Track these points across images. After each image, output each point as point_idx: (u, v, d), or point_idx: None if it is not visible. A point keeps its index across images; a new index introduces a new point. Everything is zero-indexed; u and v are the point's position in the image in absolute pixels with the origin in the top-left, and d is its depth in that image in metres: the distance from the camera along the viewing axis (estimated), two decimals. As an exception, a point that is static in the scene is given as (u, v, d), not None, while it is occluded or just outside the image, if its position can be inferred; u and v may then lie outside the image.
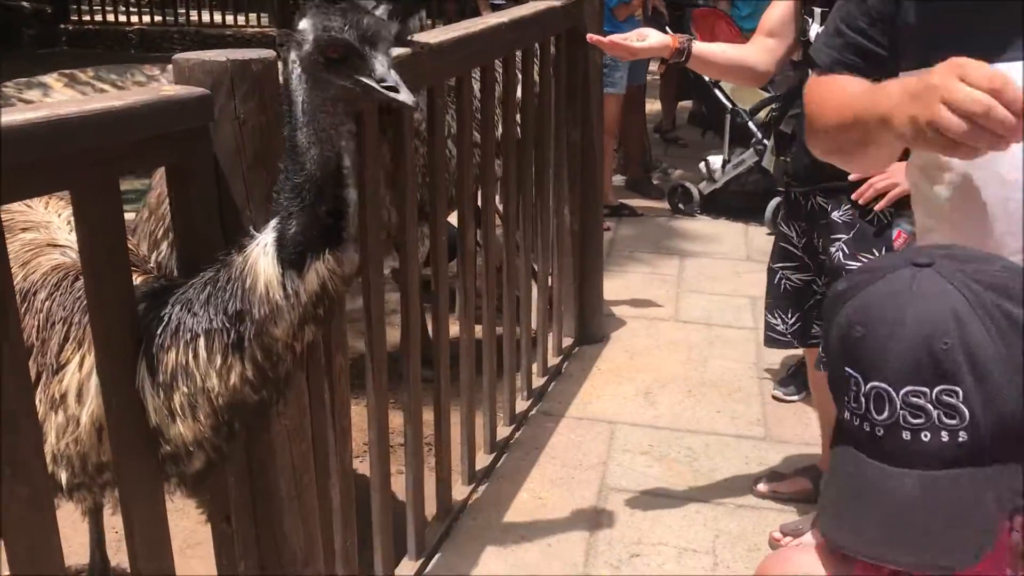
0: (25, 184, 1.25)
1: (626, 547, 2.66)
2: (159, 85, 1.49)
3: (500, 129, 2.94)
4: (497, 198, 3.16)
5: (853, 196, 2.36)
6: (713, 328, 4.15)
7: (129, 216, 2.28)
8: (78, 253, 1.41)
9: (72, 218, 1.51)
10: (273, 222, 1.38)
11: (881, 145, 1.20)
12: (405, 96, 1.30)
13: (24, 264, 1.62)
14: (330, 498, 2.02)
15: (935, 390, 0.85)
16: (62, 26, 12.88)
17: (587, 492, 2.92)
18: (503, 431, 3.19)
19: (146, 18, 13.11)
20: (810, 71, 1.51)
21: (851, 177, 2.30)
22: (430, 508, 2.72)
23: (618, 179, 6.47)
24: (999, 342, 0.85)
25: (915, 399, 0.86)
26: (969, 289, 0.87)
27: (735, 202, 5.56)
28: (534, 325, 3.54)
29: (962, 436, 0.86)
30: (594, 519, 2.79)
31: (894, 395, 0.86)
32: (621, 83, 5.47)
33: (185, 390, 1.37)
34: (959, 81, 0.97)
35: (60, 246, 1.68)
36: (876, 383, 0.87)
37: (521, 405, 3.36)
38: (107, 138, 1.34)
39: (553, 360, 3.70)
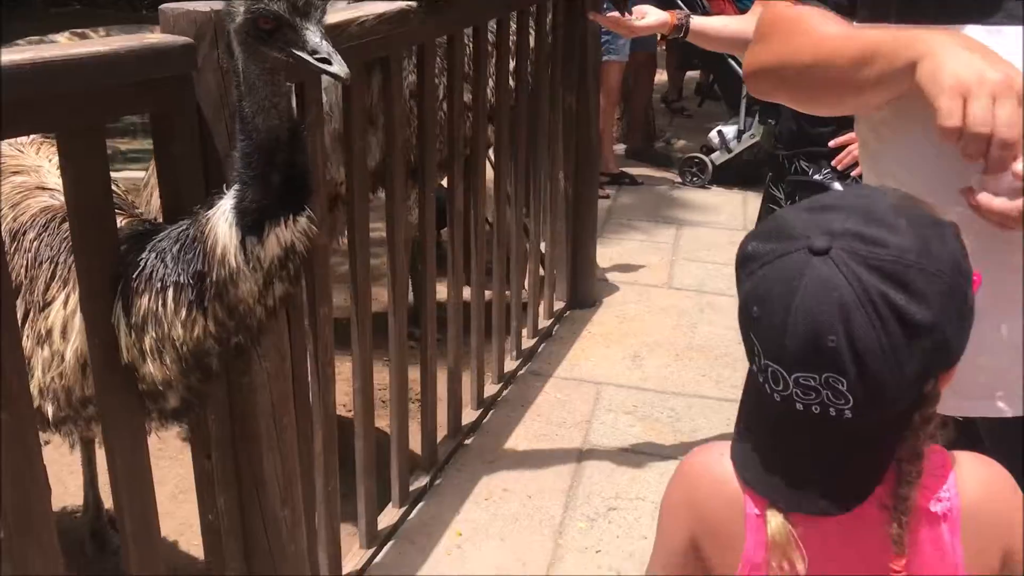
0: (10, 123, 1.31)
1: (604, 501, 2.74)
2: (144, 34, 1.53)
3: (493, 91, 2.98)
4: (489, 162, 3.21)
5: (833, 162, 2.40)
6: (705, 295, 4.20)
7: (139, 174, 2.34)
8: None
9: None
10: (233, 188, 1.41)
11: (872, 92, 1.15)
12: (337, 68, 1.29)
13: (14, 206, 1.68)
14: (311, 442, 2.09)
15: (823, 376, 0.91)
16: (74, -16, 12.88)
17: (570, 448, 3.00)
18: (491, 389, 3.26)
19: (157, -23, 13.06)
20: None
21: (831, 143, 2.35)
22: (415, 460, 2.79)
23: (619, 147, 6.50)
24: (882, 334, 0.89)
25: (805, 381, 0.92)
26: (858, 280, 0.90)
27: (748, 171, 5.55)
28: (527, 288, 3.60)
29: (847, 414, 0.93)
30: (575, 474, 2.86)
31: (787, 376, 0.93)
32: (623, 50, 5.48)
33: (153, 335, 1.43)
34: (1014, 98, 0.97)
35: (49, 189, 1.74)
36: (771, 363, 0.94)
37: (510, 365, 3.43)
38: (91, 82, 1.39)
39: (544, 323, 3.76)
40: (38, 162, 1.83)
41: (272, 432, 1.81)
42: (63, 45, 1.37)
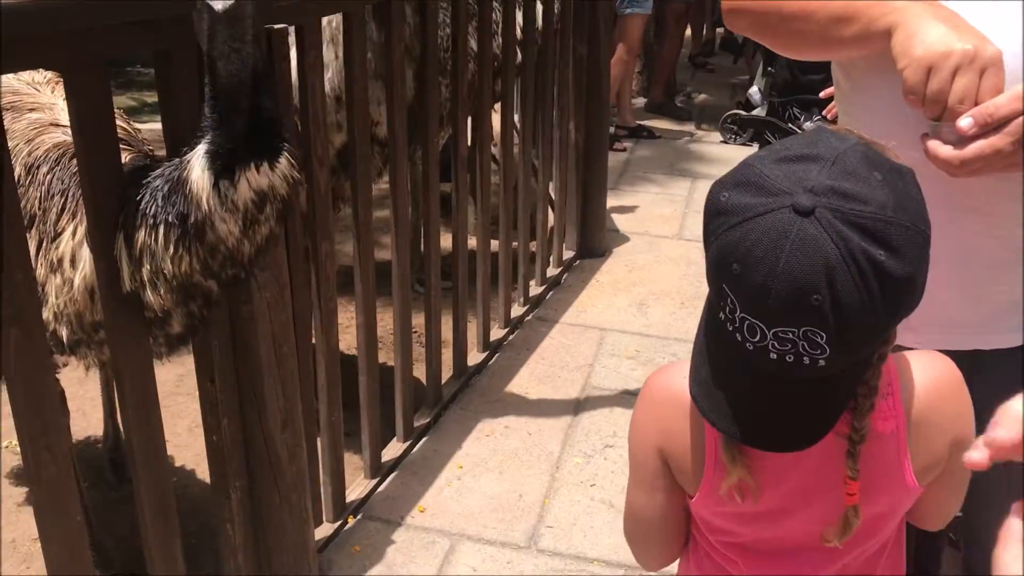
0: (21, 56, 1.40)
1: (601, 439, 2.83)
2: (147, -25, 1.61)
3: (499, 40, 3.03)
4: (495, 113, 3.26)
5: (824, 111, 2.44)
6: (714, 246, 4.24)
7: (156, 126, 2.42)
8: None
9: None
10: (209, 134, 1.45)
11: (846, 48, 1.21)
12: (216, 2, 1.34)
13: (29, 141, 1.78)
14: (313, 371, 2.19)
15: (801, 329, 0.93)
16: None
17: (571, 390, 3.09)
18: (497, 333, 3.35)
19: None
20: None
21: (822, 94, 2.39)
22: (421, 398, 2.90)
23: (639, 101, 6.51)
24: (863, 291, 0.92)
25: (783, 335, 0.94)
26: (843, 240, 0.92)
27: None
28: (536, 238, 3.68)
29: (821, 363, 0.95)
30: (574, 414, 2.96)
31: (766, 330, 0.95)
32: (647, 4, 5.47)
33: (148, 267, 1.51)
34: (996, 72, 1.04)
35: (62, 126, 1.84)
36: (749, 318, 0.95)
37: (517, 311, 3.51)
38: (96, 19, 1.47)
39: (553, 271, 3.84)
40: (53, 100, 1.93)
41: (272, 359, 1.92)
42: (67, -16, 1.44)
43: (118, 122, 1.63)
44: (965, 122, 1.08)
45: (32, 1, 1.37)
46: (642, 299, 3.73)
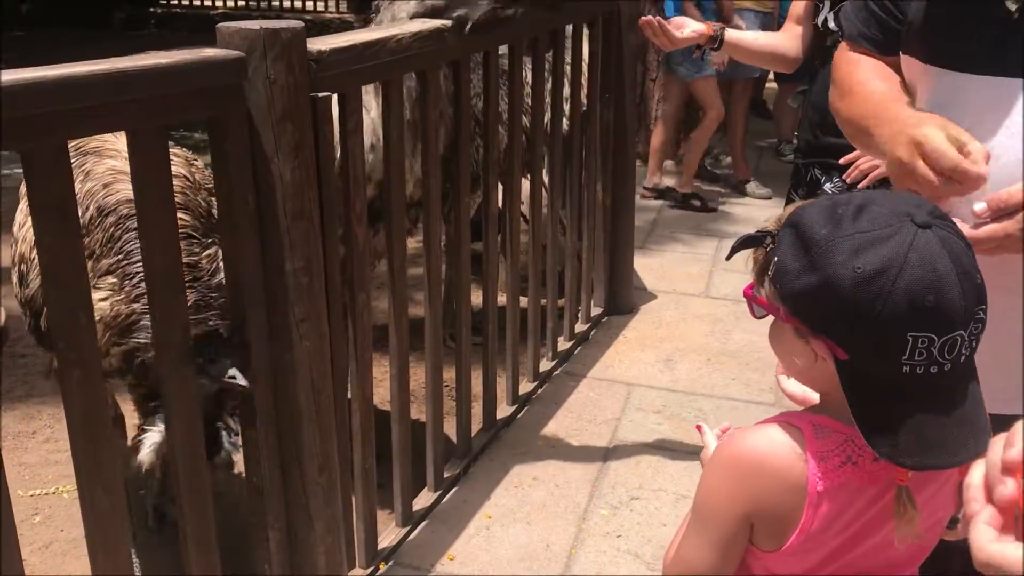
0: (89, 123, 1.54)
1: (627, 491, 2.89)
2: (202, 48, 1.76)
3: (529, 102, 3.17)
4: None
5: (844, 176, 2.53)
6: (741, 304, 4.28)
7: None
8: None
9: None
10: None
11: (873, 152, 1.42)
12: None
13: (106, 185, 1.95)
14: (349, 421, 2.29)
15: (976, 310, 1.05)
16: (151, 9, 13.52)
17: (598, 443, 3.15)
18: (526, 387, 3.43)
19: (231, 2, 13.64)
20: (840, 39, 1.69)
21: (842, 160, 2.49)
22: (451, 449, 2.98)
23: (668, 163, 6.64)
24: (974, 259, 1.08)
25: (973, 328, 1.05)
26: (956, 231, 1.08)
27: None
28: (564, 295, 3.77)
29: (982, 336, 1.07)
30: (601, 466, 3.02)
31: (965, 335, 1.04)
32: (707, 65, 5.48)
33: None
34: (935, 139, 1.20)
35: None
36: (951, 334, 1.03)
37: (545, 365, 3.60)
38: (156, 89, 1.61)
39: (581, 327, 3.93)
40: None
41: (311, 406, 2.02)
42: (133, 57, 1.59)
43: (179, 173, 1.79)
44: (979, 207, 1.20)
45: (101, 71, 1.51)
46: (669, 355, 3.80)
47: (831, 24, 2.62)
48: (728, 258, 1.34)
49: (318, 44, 1.96)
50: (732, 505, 1.18)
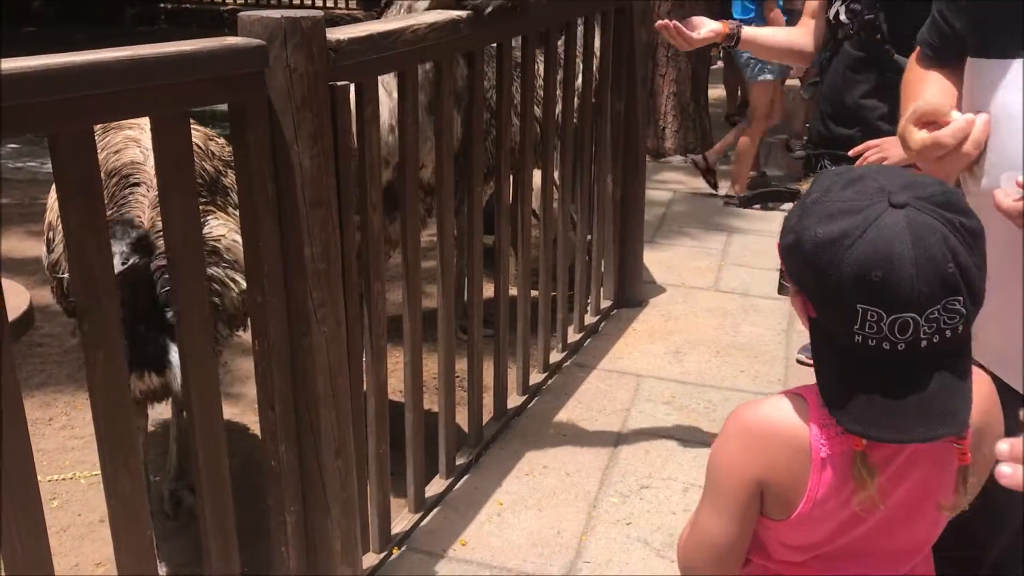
0: (113, 108, 1.57)
1: (637, 480, 2.91)
2: (224, 37, 1.79)
3: (541, 95, 3.20)
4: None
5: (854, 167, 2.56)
6: (749, 298, 4.34)
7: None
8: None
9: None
10: None
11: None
12: None
13: (117, 152, 2.10)
14: (363, 407, 2.32)
15: (943, 302, 1.06)
16: (161, 5, 13.57)
17: (608, 433, 3.18)
18: (536, 378, 3.46)
19: (240, -1, 13.69)
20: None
21: (851, 152, 2.51)
22: (463, 438, 3.01)
23: (677, 159, 6.66)
24: (969, 248, 1.07)
25: (932, 315, 1.06)
26: (939, 215, 1.07)
27: None
28: (574, 288, 3.80)
29: (960, 328, 1.08)
30: (611, 455, 3.04)
31: (919, 318, 1.05)
32: (777, 69, 5.45)
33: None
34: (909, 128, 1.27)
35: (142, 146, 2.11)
36: (902, 314, 1.05)
37: (556, 357, 3.62)
38: (179, 76, 1.64)
39: (591, 319, 3.95)
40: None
41: (328, 390, 2.05)
42: (156, 45, 1.62)
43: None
44: (1022, 177, 1.21)
45: (125, 58, 1.54)
46: (678, 347, 3.83)
47: (842, 17, 2.64)
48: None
49: (337, 34, 1.99)
50: (743, 473, 1.22)
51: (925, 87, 1.54)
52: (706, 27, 2.84)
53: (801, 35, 2.87)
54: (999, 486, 0.90)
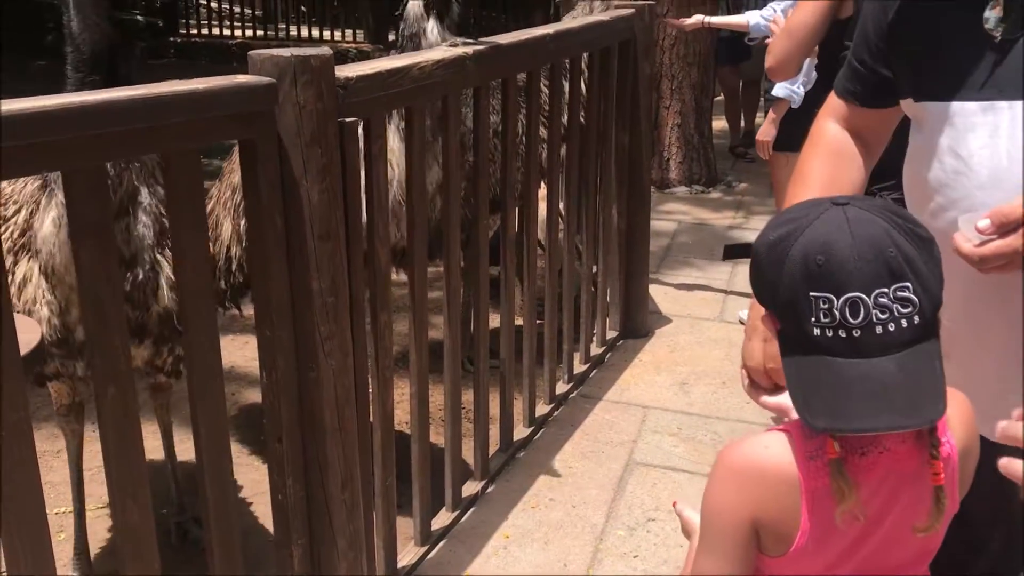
0: (128, 146, 1.60)
1: (644, 512, 2.91)
2: (236, 75, 1.83)
3: (546, 129, 3.23)
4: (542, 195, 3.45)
5: None
6: (755, 328, 4.34)
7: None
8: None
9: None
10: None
11: None
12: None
13: None
14: (370, 438, 2.33)
15: (892, 288, 1.10)
16: (172, 39, 13.72)
17: (614, 465, 3.18)
18: (542, 409, 3.47)
19: (248, 32, 13.85)
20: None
21: None
22: (468, 470, 3.01)
23: (682, 190, 6.70)
24: (914, 244, 1.13)
25: (881, 299, 1.10)
26: (881, 211, 1.14)
27: None
28: (580, 319, 3.81)
29: (916, 319, 1.11)
30: (617, 488, 3.04)
31: (867, 299, 1.10)
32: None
33: None
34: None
35: None
36: (850, 294, 1.10)
37: (562, 388, 3.63)
38: (191, 114, 1.68)
39: (596, 350, 3.96)
40: None
41: (336, 422, 2.06)
42: (170, 83, 1.65)
43: None
44: (983, 223, 1.23)
45: (139, 96, 1.58)
46: (684, 378, 3.83)
47: None
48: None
49: (345, 71, 2.02)
50: (736, 513, 1.22)
51: (815, 175, 1.57)
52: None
53: None
54: (976, 507, 0.93)
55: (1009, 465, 1.00)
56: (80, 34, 1.81)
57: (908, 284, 1.10)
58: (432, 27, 2.69)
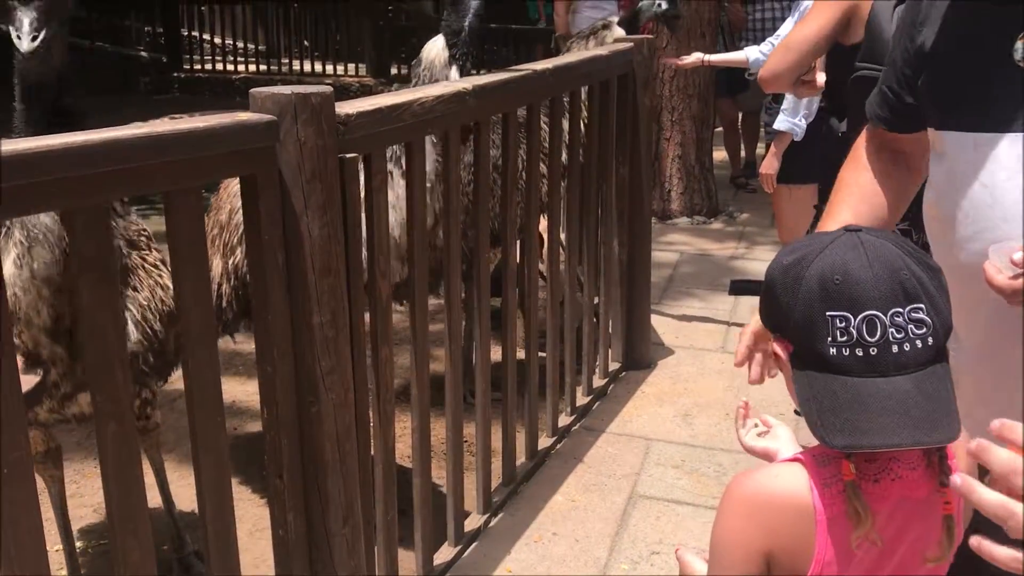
0: (130, 184, 1.61)
1: (647, 546, 2.89)
2: (237, 113, 1.85)
3: (546, 163, 3.25)
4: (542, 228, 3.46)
5: None
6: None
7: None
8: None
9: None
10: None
11: None
12: (24, 44, 1.75)
13: None
14: (371, 472, 2.32)
15: (907, 309, 1.13)
16: (175, 74, 13.87)
17: (617, 498, 3.16)
18: (545, 442, 3.45)
19: (252, 67, 13.99)
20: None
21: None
22: (471, 504, 3.00)
23: (684, 221, 6.72)
24: (926, 271, 1.17)
25: (897, 318, 1.13)
26: (896, 243, 1.19)
27: None
28: (582, 351, 3.81)
29: (930, 340, 1.14)
30: (621, 521, 3.02)
31: (884, 317, 1.13)
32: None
33: None
34: None
35: None
36: (867, 312, 1.13)
37: (564, 420, 3.62)
38: (193, 152, 1.69)
39: (599, 382, 3.96)
40: None
41: (337, 456, 2.06)
42: (173, 121, 1.67)
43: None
44: (1018, 256, 1.23)
45: (143, 135, 1.59)
46: (687, 410, 3.82)
47: None
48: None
49: (345, 108, 2.04)
50: (749, 546, 1.20)
51: (842, 212, 1.58)
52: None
53: None
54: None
55: (980, 546, 0.98)
56: (26, 64, 1.83)
57: (921, 306, 1.13)
58: (455, 75, 2.74)
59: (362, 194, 2.15)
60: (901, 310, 1.12)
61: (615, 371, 4.10)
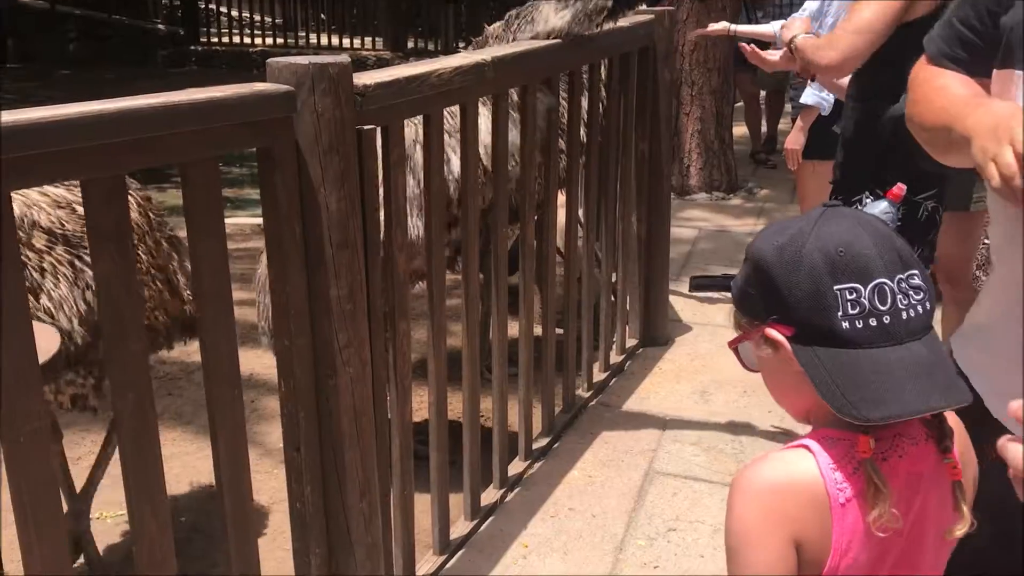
0: (145, 154, 1.60)
1: (664, 522, 2.88)
2: (254, 83, 1.82)
3: (565, 137, 3.22)
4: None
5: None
6: (776, 336, 4.30)
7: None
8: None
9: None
10: None
11: (963, 155, 1.27)
12: None
13: None
14: (388, 445, 2.31)
15: (905, 275, 1.14)
16: (192, 47, 13.86)
17: (634, 474, 3.15)
18: (562, 417, 3.44)
19: (269, 40, 13.96)
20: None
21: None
22: (487, 478, 2.99)
23: (702, 197, 6.66)
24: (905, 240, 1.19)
25: (902, 285, 1.13)
26: (870, 215, 1.21)
27: None
28: (599, 327, 3.79)
29: (928, 305, 1.15)
30: (638, 497, 3.01)
31: (891, 284, 1.13)
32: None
33: None
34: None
35: None
36: (877, 280, 1.12)
37: (581, 396, 3.61)
38: (209, 122, 1.67)
39: (616, 358, 3.94)
40: None
41: (353, 430, 2.05)
42: (187, 91, 1.65)
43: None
44: None
45: (159, 104, 1.58)
46: (704, 387, 3.80)
47: None
48: None
49: (363, 78, 2.02)
50: (769, 536, 1.15)
51: (955, 86, 1.41)
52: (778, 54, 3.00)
53: None
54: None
55: (1005, 447, 0.96)
56: None
57: (916, 272, 1.14)
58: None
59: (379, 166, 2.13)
60: (903, 276, 1.13)
61: (632, 347, 4.08)
